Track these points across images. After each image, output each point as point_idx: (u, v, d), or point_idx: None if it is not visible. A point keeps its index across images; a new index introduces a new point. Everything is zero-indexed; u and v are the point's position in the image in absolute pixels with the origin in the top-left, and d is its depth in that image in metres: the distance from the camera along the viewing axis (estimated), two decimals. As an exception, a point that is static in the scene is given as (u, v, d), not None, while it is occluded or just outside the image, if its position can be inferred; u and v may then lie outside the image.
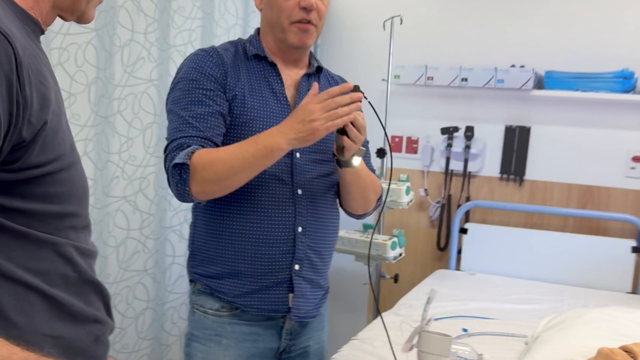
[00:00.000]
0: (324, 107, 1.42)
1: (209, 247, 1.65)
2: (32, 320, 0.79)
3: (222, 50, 1.65)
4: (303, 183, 1.64)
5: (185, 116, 1.54)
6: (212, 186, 1.50)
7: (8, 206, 0.76)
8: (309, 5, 1.57)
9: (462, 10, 3.34)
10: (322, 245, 1.71)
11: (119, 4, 2.29)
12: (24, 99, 0.73)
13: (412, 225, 3.48)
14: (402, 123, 3.47)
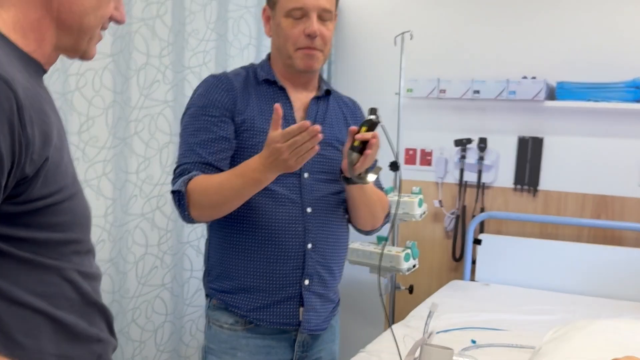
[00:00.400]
0: (289, 147, 1.44)
1: (223, 263, 1.73)
2: (38, 342, 0.85)
3: (233, 75, 1.73)
4: (312, 201, 1.71)
5: (191, 142, 1.64)
6: (208, 211, 1.60)
7: (14, 235, 0.83)
8: (312, 32, 1.63)
9: (472, 24, 3.38)
10: (332, 260, 1.77)
11: (134, 29, 2.38)
12: (26, 139, 0.80)
13: (428, 236, 3.52)
14: (416, 136, 3.52)
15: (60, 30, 0.94)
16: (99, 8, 0.96)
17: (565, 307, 2.70)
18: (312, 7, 1.62)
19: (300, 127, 1.44)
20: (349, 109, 1.88)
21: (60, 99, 2.09)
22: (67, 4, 0.92)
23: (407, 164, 3.54)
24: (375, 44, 3.59)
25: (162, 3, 2.48)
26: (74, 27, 0.95)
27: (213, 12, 2.76)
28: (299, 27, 1.64)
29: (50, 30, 0.93)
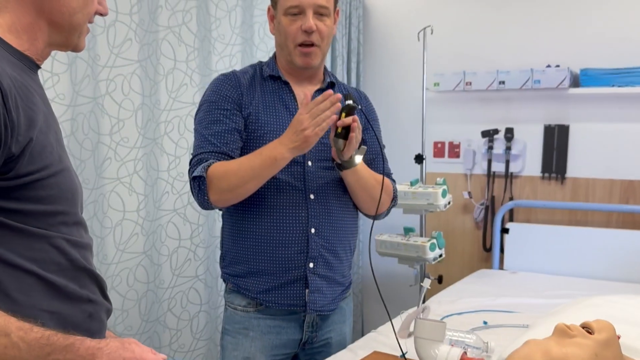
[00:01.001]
0: (311, 115, 1.60)
1: (234, 249, 1.86)
2: (30, 298, 1.00)
3: (241, 73, 1.87)
4: (315, 189, 1.82)
5: (206, 134, 1.77)
6: (227, 194, 1.71)
7: (6, 207, 0.97)
8: (308, 28, 1.74)
9: (493, 16, 3.43)
10: (337, 245, 1.87)
11: (161, 37, 2.56)
12: (11, 122, 0.94)
13: (458, 227, 3.57)
14: (443, 129, 3.58)
15: (52, 29, 1.08)
16: (85, 6, 1.09)
17: (589, 292, 2.72)
18: (307, 4, 1.73)
19: (324, 96, 1.60)
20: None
21: (91, 102, 2.28)
22: (57, 6, 1.05)
23: (436, 157, 3.61)
24: (400, 40, 3.67)
25: (187, 11, 2.65)
26: (65, 26, 1.08)
27: (238, 17, 2.91)
28: (297, 24, 1.75)
29: (42, 30, 1.07)
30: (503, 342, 1.88)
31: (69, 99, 2.21)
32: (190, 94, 2.69)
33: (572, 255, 3.12)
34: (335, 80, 1.95)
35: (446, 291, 2.80)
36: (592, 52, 3.18)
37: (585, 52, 3.20)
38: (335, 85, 1.93)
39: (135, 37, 2.42)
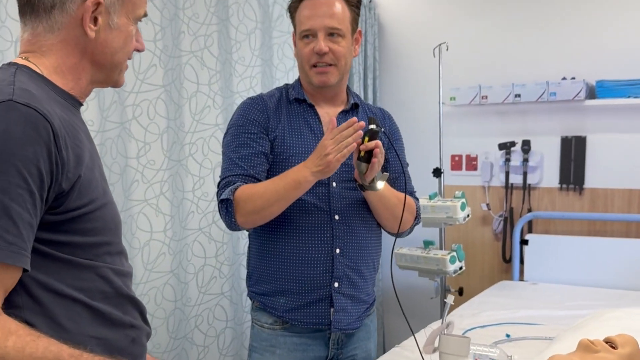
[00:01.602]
0: (334, 141, 1.66)
1: (261, 268, 1.91)
2: (78, 326, 1.06)
3: (268, 97, 1.92)
4: (340, 209, 1.86)
5: (233, 157, 1.83)
6: (253, 216, 1.77)
7: (56, 240, 1.04)
8: (319, 50, 1.80)
9: (507, 30, 3.47)
10: (361, 264, 1.91)
11: (184, 61, 2.63)
12: (62, 160, 1.01)
13: (477, 239, 3.60)
14: (460, 142, 3.63)
15: (95, 68, 1.15)
16: (125, 45, 1.16)
17: (610, 302, 2.74)
18: (318, 27, 1.80)
19: (348, 123, 1.65)
20: (377, 119, 1.99)
21: (118, 127, 2.36)
22: (101, 47, 1.12)
23: (454, 169, 3.66)
24: (416, 56, 3.73)
25: (208, 35, 2.73)
26: (107, 65, 1.15)
27: (257, 39, 2.98)
28: (310, 47, 1.82)
29: (85, 70, 1.14)
30: (527, 356, 1.92)
31: (97, 124, 2.28)
32: (213, 115, 2.76)
33: (592, 265, 3.15)
34: (359, 101, 1.98)
35: (468, 304, 2.83)
36: (607, 64, 3.22)
37: (601, 63, 3.24)
38: (359, 106, 1.98)
39: (159, 63, 2.50)
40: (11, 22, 2.01)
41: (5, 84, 1.01)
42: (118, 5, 1.12)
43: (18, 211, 0.95)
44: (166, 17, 2.53)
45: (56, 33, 1.09)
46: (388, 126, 2.02)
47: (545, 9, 3.38)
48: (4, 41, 2.01)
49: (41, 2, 1.08)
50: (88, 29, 1.09)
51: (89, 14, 1.08)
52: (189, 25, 2.63)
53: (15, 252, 0.95)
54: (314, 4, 1.82)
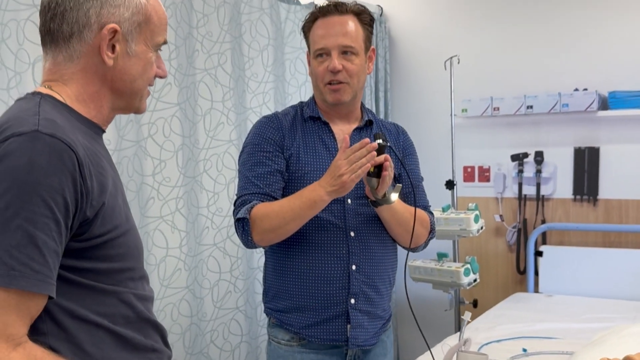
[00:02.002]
0: (348, 162, 1.68)
1: (277, 284, 1.92)
2: (102, 351, 1.08)
3: (283, 115, 1.95)
4: (355, 226, 1.87)
5: (249, 176, 1.86)
6: (269, 235, 1.79)
7: (80, 267, 1.05)
8: (332, 68, 1.82)
9: (518, 42, 3.48)
10: (378, 280, 1.92)
11: (198, 79, 2.67)
12: (86, 189, 1.03)
13: (491, 251, 3.60)
14: (472, 153, 3.63)
15: (115, 96, 1.16)
16: (145, 72, 1.17)
17: (626, 314, 2.73)
18: (332, 46, 1.82)
19: (361, 144, 1.67)
20: (391, 135, 2.01)
21: (134, 146, 2.38)
22: (119, 74, 1.14)
23: (466, 181, 3.66)
24: (427, 69, 3.75)
25: (222, 53, 2.76)
26: (127, 92, 1.16)
27: (270, 56, 3.01)
28: (324, 65, 1.84)
29: (106, 97, 1.16)
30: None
31: (114, 143, 2.31)
32: (227, 132, 2.79)
33: (607, 277, 3.13)
34: (373, 117, 2.00)
35: (483, 317, 2.83)
36: (619, 75, 3.22)
37: (613, 74, 3.24)
38: (373, 123, 1.99)
39: (174, 81, 2.53)
40: (29, 45, 2.05)
41: (30, 113, 1.03)
42: (136, 32, 1.13)
43: (44, 240, 0.97)
44: (180, 36, 2.56)
45: (75, 62, 1.11)
46: (402, 141, 2.03)
47: (556, 21, 3.39)
48: (22, 63, 2.04)
49: (60, 31, 1.10)
50: (105, 57, 1.11)
51: (106, 42, 1.10)
52: (203, 44, 2.67)
53: (41, 280, 0.97)
54: (327, 23, 1.85)
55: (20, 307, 0.97)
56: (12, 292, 0.95)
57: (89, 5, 1.08)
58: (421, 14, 3.79)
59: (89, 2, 1.09)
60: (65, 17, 1.09)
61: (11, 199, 0.95)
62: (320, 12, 1.86)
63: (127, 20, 1.11)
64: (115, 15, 1.10)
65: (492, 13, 3.57)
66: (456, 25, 3.67)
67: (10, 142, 0.98)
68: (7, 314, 0.95)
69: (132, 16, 1.12)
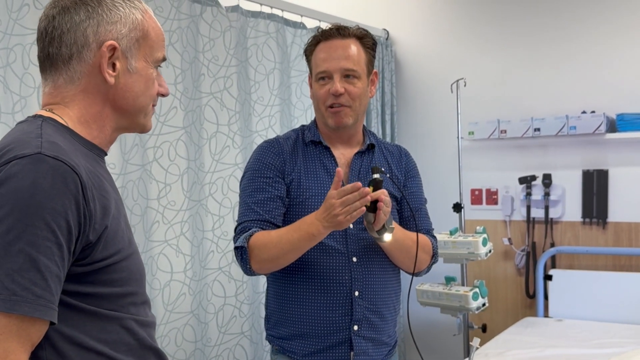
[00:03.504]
0: (342, 203, 1.63)
1: (279, 311, 1.89)
2: None
3: (284, 139, 1.93)
4: (357, 251, 1.84)
5: (249, 202, 1.84)
6: (267, 264, 1.77)
7: (81, 291, 1.03)
8: (334, 91, 1.81)
9: (525, 65, 3.48)
10: (382, 306, 1.88)
11: (204, 103, 2.67)
12: (89, 212, 1.01)
13: (500, 274, 3.56)
14: (480, 176, 3.61)
15: (118, 115, 1.15)
16: (147, 90, 1.15)
17: (638, 339, 2.68)
18: (334, 69, 1.81)
19: (353, 186, 1.63)
20: (393, 157, 1.99)
21: (140, 169, 2.38)
22: (122, 92, 1.12)
23: (474, 204, 3.63)
24: (434, 92, 3.75)
25: (228, 77, 2.76)
26: (130, 110, 1.15)
27: (276, 79, 3.02)
28: (326, 88, 1.83)
29: (109, 117, 1.14)
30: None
31: (119, 167, 2.31)
32: (233, 155, 2.78)
33: (618, 301, 3.08)
34: (375, 140, 1.97)
35: (492, 342, 2.78)
36: (627, 97, 3.20)
37: (621, 96, 3.22)
38: (375, 147, 1.97)
39: (180, 105, 2.54)
40: (34, 69, 2.06)
41: (33, 136, 1.02)
42: (135, 49, 1.12)
43: (46, 264, 0.95)
44: (186, 60, 2.57)
45: (77, 83, 1.10)
46: (405, 163, 2.01)
47: (563, 43, 3.38)
48: (27, 87, 2.05)
49: (59, 55, 1.09)
50: (107, 75, 1.10)
51: (106, 59, 1.09)
52: (209, 68, 2.68)
53: (44, 305, 0.95)
54: (329, 47, 1.84)
55: (21, 333, 0.94)
56: (13, 317, 0.93)
57: (85, 25, 1.08)
58: (427, 37, 3.80)
59: (85, 22, 1.08)
60: (63, 39, 1.08)
61: (13, 222, 0.94)
62: (323, 35, 1.86)
63: (125, 36, 1.10)
64: (113, 33, 1.09)
65: (498, 36, 3.57)
66: (462, 48, 3.67)
67: (13, 164, 0.97)
68: (8, 340, 0.93)
69: (130, 32, 1.11)
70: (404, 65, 3.89)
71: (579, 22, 3.35)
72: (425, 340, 3.70)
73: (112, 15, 1.09)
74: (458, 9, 3.69)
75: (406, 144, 3.87)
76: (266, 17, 2.98)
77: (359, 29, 1.88)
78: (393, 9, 3.88)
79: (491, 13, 3.59)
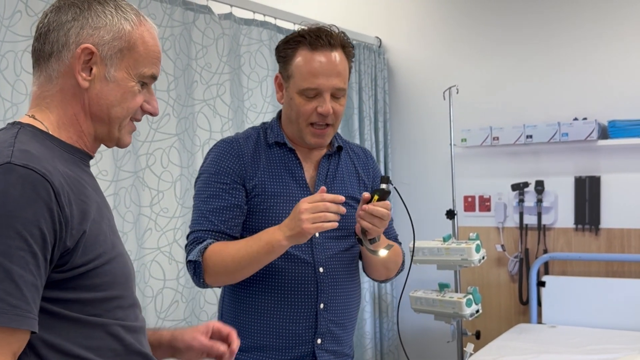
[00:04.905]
0: (312, 208, 1.50)
1: (236, 321, 1.73)
2: None
3: (244, 139, 1.75)
4: (324, 261, 1.72)
5: (204, 210, 1.68)
6: (223, 278, 1.66)
7: (63, 298, 1.02)
8: (326, 112, 1.65)
9: (517, 71, 3.50)
10: (344, 318, 1.78)
11: (197, 110, 2.67)
12: (65, 218, 1.00)
13: (493, 281, 3.56)
14: (473, 183, 3.62)
15: (94, 122, 1.13)
16: (123, 101, 1.13)
17: (631, 345, 2.69)
18: (326, 88, 1.65)
19: (335, 198, 1.52)
20: (359, 159, 1.88)
21: (132, 177, 2.37)
22: (96, 98, 1.11)
23: (467, 211, 3.64)
24: (426, 99, 3.76)
25: (221, 84, 2.77)
26: (104, 118, 1.13)
27: (269, 86, 3.02)
28: (312, 105, 1.66)
29: (86, 123, 1.13)
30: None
31: (111, 174, 2.31)
32: (225, 162, 2.78)
33: (611, 307, 3.09)
34: (343, 142, 1.85)
35: (486, 349, 2.78)
36: (618, 104, 3.22)
37: (612, 103, 3.24)
38: (342, 150, 1.84)
39: (172, 112, 2.54)
40: (26, 76, 2.05)
41: (5, 145, 1.01)
42: (116, 58, 1.11)
43: (20, 273, 0.94)
44: (179, 67, 2.57)
45: (54, 82, 1.10)
46: (372, 166, 1.91)
47: (554, 50, 3.41)
48: (18, 94, 2.05)
49: (42, 51, 1.10)
50: (80, 78, 1.09)
51: (80, 61, 1.08)
52: (202, 75, 2.68)
53: (20, 314, 0.94)
54: (320, 59, 1.66)
55: (2, 343, 0.93)
56: None
57: (69, 25, 1.08)
58: (420, 44, 3.82)
59: (71, 22, 1.08)
60: (48, 36, 1.09)
61: None
62: (311, 43, 1.67)
63: (106, 43, 1.09)
64: (94, 37, 1.08)
65: (490, 43, 3.59)
66: (455, 55, 3.69)
67: None
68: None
69: (113, 40, 1.10)
70: (396, 73, 3.90)
71: (570, 29, 3.37)
72: (419, 347, 3.70)
73: (97, 20, 1.09)
74: (450, 16, 3.71)
75: (399, 151, 3.88)
76: (259, 24, 2.98)
77: (344, 36, 1.74)
78: (386, 17, 3.90)
79: (483, 20, 3.61)
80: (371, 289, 3.61)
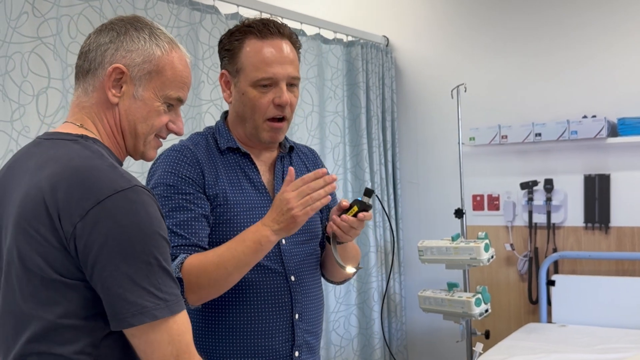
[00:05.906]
0: (298, 194, 1.43)
1: (205, 342, 1.61)
2: None
3: (194, 146, 1.61)
4: (294, 268, 1.63)
5: (169, 225, 1.50)
6: (208, 290, 1.48)
7: None
8: (284, 102, 1.55)
9: (525, 70, 3.48)
10: (317, 326, 1.71)
11: (204, 110, 2.67)
12: None
13: (502, 280, 3.54)
14: (481, 181, 3.60)
15: (124, 135, 1.23)
16: (148, 118, 1.22)
17: (642, 344, 2.67)
18: (281, 77, 1.55)
19: (316, 174, 1.44)
20: (308, 158, 1.81)
21: (140, 177, 2.37)
22: (124, 114, 1.21)
23: (476, 210, 3.62)
24: (434, 98, 3.74)
25: (227, 83, 2.76)
26: (132, 132, 1.23)
27: (275, 85, 3.01)
28: (268, 97, 1.56)
29: (119, 135, 1.23)
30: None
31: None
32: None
33: (622, 306, 3.07)
34: (293, 143, 1.76)
35: (496, 348, 2.77)
36: (628, 101, 3.20)
37: (622, 101, 3.21)
38: (294, 150, 1.75)
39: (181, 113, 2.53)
40: (33, 77, 2.06)
41: (106, 164, 1.12)
42: (145, 79, 1.20)
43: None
44: (186, 67, 2.57)
45: (90, 95, 1.21)
46: (320, 166, 1.81)
47: (563, 48, 3.38)
48: (25, 95, 2.05)
49: (82, 67, 1.22)
50: (110, 94, 1.20)
51: (110, 79, 1.19)
52: (209, 75, 2.68)
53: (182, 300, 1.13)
54: (271, 47, 1.57)
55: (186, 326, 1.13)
56: (177, 317, 1.10)
57: (106, 47, 1.20)
58: (427, 43, 3.80)
59: (108, 44, 1.20)
60: (88, 55, 1.21)
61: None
62: (260, 32, 1.57)
63: (137, 65, 1.20)
64: (127, 59, 1.20)
65: (498, 41, 3.57)
66: (462, 54, 3.67)
67: (114, 198, 1.06)
68: (187, 333, 1.13)
69: (143, 63, 1.20)
70: (404, 72, 3.89)
71: (579, 27, 3.35)
72: (428, 347, 3.68)
73: (131, 44, 1.20)
74: (458, 14, 3.70)
75: (407, 150, 3.86)
76: (266, 24, 2.98)
77: (287, 27, 1.63)
78: (393, 16, 3.89)
79: (491, 18, 3.59)
80: (379, 288, 3.59)
